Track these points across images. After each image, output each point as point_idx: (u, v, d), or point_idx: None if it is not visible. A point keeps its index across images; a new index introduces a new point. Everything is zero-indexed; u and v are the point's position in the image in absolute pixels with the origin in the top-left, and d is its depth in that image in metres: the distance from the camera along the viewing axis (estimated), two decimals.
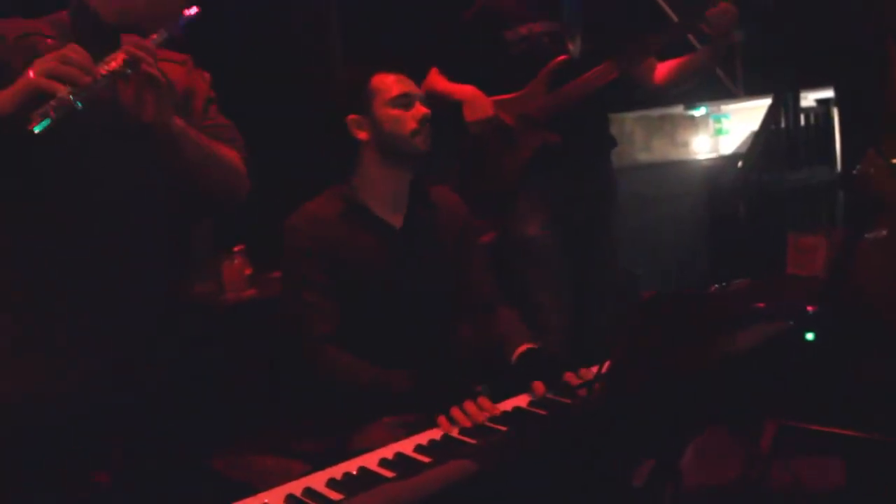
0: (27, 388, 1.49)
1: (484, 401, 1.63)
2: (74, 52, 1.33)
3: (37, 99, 1.28)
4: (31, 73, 1.31)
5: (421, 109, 2.01)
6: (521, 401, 1.70)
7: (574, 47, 2.71)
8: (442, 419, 1.59)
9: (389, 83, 2.01)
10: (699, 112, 5.23)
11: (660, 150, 4.95)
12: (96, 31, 1.53)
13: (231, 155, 1.67)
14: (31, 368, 1.51)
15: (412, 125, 1.99)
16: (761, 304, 1.91)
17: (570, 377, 1.76)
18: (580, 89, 2.66)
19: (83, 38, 1.46)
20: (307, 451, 1.93)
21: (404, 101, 2.00)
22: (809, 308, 2.13)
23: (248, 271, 3.40)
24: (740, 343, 1.75)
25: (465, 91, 2.72)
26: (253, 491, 1.29)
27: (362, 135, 2.01)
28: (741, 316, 1.71)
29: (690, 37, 3.26)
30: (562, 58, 2.68)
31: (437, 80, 2.80)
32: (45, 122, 1.26)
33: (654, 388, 1.50)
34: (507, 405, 1.67)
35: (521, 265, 2.75)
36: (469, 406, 1.60)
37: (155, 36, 1.45)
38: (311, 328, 1.91)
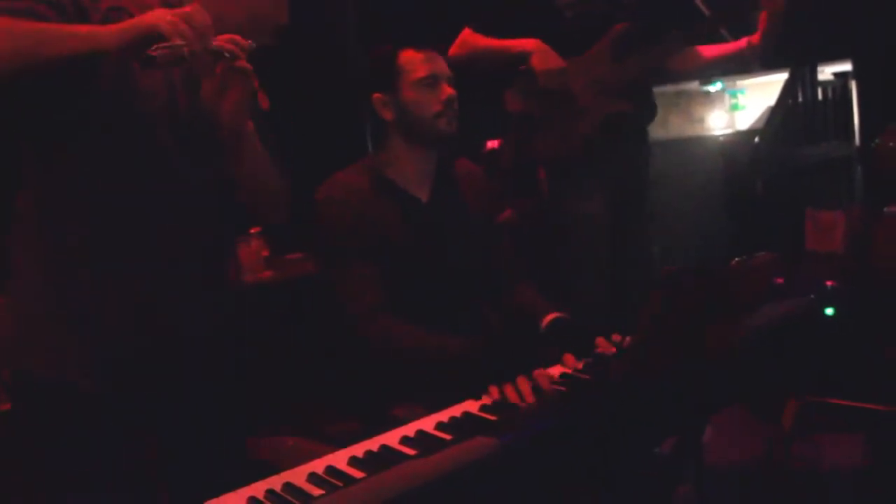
0: (68, 360, 1.52)
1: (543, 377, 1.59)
2: (199, 14, 1.36)
3: (147, 41, 1.31)
4: (149, 18, 1.33)
5: (447, 90, 1.99)
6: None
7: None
8: (493, 389, 1.57)
9: (417, 62, 1.99)
10: (715, 87, 5.18)
11: (675, 127, 4.91)
12: None
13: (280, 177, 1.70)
14: (70, 341, 1.52)
15: (437, 107, 1.98)
16: (780, 280, 1.90)
17: (601, 342, 1.76)
18: (652, 62, 2.57)
19: None
20: (332, 434, 1.92)
21: (430, 82, 1.98)
22: (829, 283, 2.12)
23: (265, 253, 3.42)
24: (761, 319, 1.74)
25: (528, 42, 2.56)
26: (275, 470, 1.30)
27: (387, 115, 2.01)
28: (763, 291, 1.70)
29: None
30: (624, 25, 2.58)
31: (484, 38, 2.65)
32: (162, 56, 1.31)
33: (675, 363, 1.50)
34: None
35: (569, 241, 2.65)
36: (523, 384, 1.58)
37: (246, 43, 1.46)
38: (366, 297, 1.90)
